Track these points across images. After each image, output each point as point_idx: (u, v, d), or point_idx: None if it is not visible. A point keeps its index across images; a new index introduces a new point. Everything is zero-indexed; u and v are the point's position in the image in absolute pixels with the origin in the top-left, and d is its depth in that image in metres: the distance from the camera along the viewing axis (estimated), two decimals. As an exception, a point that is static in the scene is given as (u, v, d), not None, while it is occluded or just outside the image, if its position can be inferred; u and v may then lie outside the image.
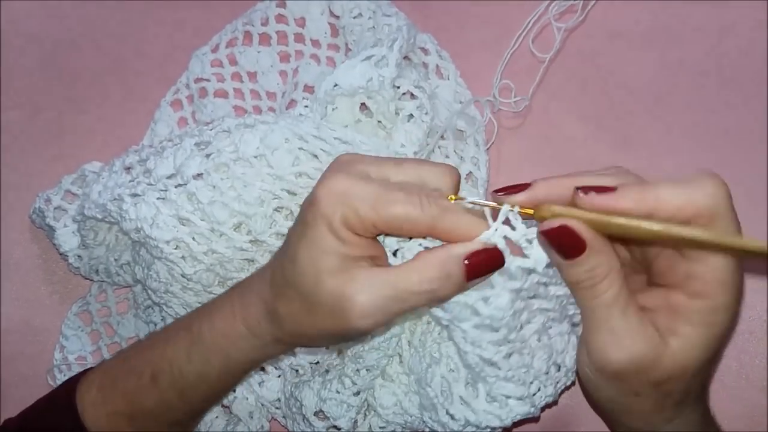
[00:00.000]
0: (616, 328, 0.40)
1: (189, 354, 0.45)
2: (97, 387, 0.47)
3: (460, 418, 0.46)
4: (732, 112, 0.58)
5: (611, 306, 0.40)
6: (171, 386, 0.46)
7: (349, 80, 0.50)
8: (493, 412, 0.45)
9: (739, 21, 0.59)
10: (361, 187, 0.39)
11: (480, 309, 0.42)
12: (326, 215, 0.39)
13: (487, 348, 0.43)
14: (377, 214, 0.39)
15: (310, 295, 0.40)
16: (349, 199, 0.39)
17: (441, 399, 0.47)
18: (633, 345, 0.39)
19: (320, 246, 0.40)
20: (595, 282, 0.40)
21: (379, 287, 0.39)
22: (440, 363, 0.47)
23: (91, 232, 0.55)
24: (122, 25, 0.63)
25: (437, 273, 0.39)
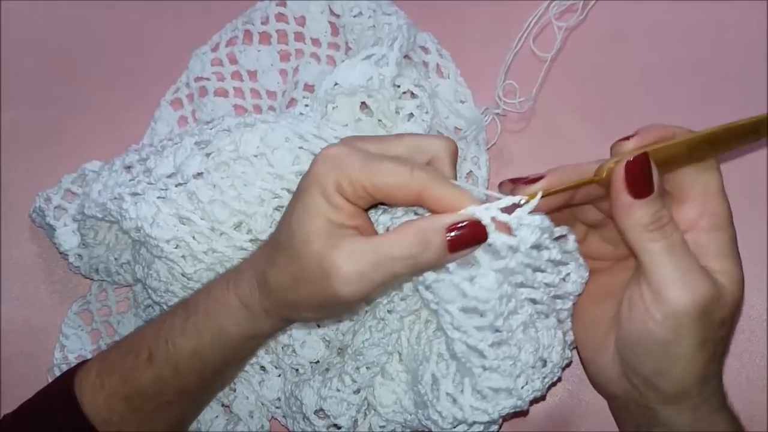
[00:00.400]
0: (690, 268, 0.42)
1: (183, 328, 0.46)
2: (95, 372, 0.48)
3: (447, 416, 0.46)
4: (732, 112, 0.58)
5: (681, 247, 0.42)
6: (165, 362, 0.46)
7: (350, 79, 0.50)
8: (479, 407, 0.45)
9: (739, 21, 0.59)
10: (354, 154, 0.41)
11: (466, 289, 0.42)
12: (319, 180, 0.40)
13: (473, 334, 0.43)
14: (367, 177, 0.40)
15: (296, 259, 0.41)
16: (342, 165, 0.40)
17: (430, 396, 0.47)
18: (708, 282, 0.42)
19: (311, 209, 0.41)
20: (664, 222, 0.42)
21: (361, 253, 0.40)
22: (431, 360, 0.47)
23: (91, 231, 0.55)
24: (122, 25, 0.63)
25: (417, 239, 0.40)
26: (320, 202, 0.41)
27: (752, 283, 0.56)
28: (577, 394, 0.56)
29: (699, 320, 0.41)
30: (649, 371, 0.44)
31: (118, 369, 0.47)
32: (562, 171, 0.44)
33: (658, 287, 0.42)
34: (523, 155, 0.58)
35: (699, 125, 0.58)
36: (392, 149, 0.42)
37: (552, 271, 0.44)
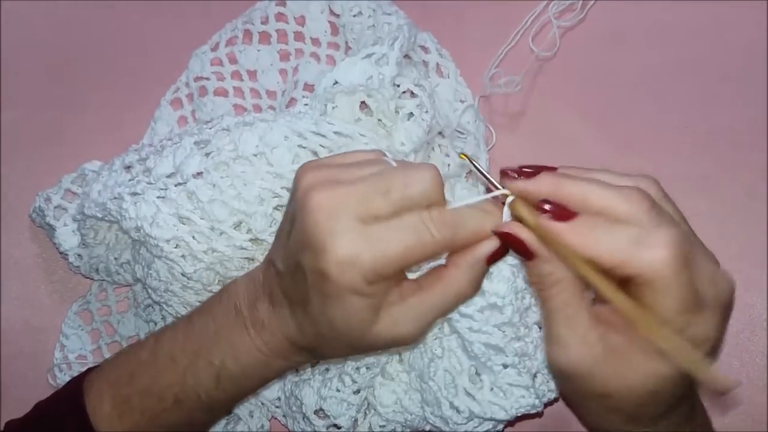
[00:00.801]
0: (561, 334, 0.39)
1: (218, 384, 0.45)
2: (109, 403, 0.46)
3: (464, 410, 0.46)
4: (732, 112, 0.58)
5: (557, 312, 0.40)
6: (198, 407, 0.46)
7: (349, 78, 0.50)
8: (498, 403, 0.46)
9: (739, 21, 0.59)
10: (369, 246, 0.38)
11: (486, 287, 0.43)
12: (350, 286, 0.39)
13: (493, 332, 0.44)
14: (392, 263, 0.39)
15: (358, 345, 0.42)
16: (364, 265, 0.38)
17: (445, 392, 0.47)
18: (573, 351, 0.39)
19: (354, 314, 0.40)
20: (544, 287, 0.40)
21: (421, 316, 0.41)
22: (443, 357, 0.47)
23: (91, 231, 0.55)
24: (122, 25, 0.63)
25: (468, 281, 0.40)
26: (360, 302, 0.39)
27: (752, 283, 0.56)
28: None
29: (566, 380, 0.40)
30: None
31: (138, 408, 0.46)
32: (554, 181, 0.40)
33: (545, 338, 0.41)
34: (522, 155, 0.58)
35: (698, 125, 0.58)
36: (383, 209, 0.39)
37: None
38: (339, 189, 0.39)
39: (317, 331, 0.41)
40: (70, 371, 0.58)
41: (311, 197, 0.39)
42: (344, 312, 0.40)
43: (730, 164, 0.57)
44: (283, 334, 0.43)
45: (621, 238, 0.37)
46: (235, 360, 0.44)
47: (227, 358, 0.45)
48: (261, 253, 0.50)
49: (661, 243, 0.36)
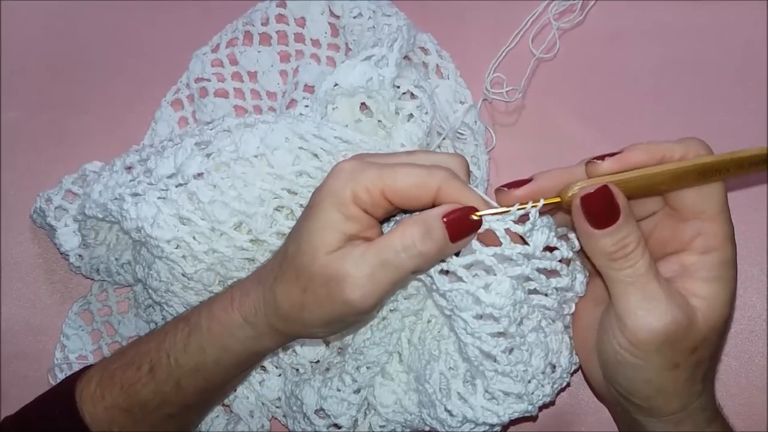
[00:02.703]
0: (654, 295, 0.41)
1: (186, 344, 0.46)
2: (96, 382, 0.47)
3: (457, 414, 0.46)
4: (731, 112, 0.58)
5: (646, 273, 0.41)
6: (167, 377, 0.46)
7: (350, 80, 0.50)
8: (490, 408, 0.46)
9: (739, 21, 0.59)
10: (370, 164, 0.41)
11: (481, 296, 0.42)
12: (334, 192, 0.40)
13: (487, 340, 0.43)
14: (385, 183, 0.40)
15: (304, 273, 0.41)
16: (358, 175, 0.40)
17: (439, 395, 0.47)
18: (672, 310, 0.41)
19: (322, 223, 0.40)
20: (628, 251, 0.40)
21: (367, 256, 0.40)
22: (439, 360, 0.47)
23: (91, 231, 0.55)
24: (122, 25, 0.63)
25: (417, 229, 0.40)
26: (334, 215, 0.40)
27: (752, 283, 0.56)
28: (577, 394, 0.56)
29: (663, 348, 0.41)
30: (622, 388, 0.44)
31: (118, 381, 0.47)
32: (549, 176, 0.42)
33: (622, 315, 0.41)
34: (523, 155, 0.58)
35: (698, 125, 0.58)
36: (406, 159, 0.42)
37: (566, 273, 0.44)
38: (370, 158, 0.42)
39: (283, 254, 0.43)
40: (70, 371, 0.58)
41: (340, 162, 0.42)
42: (317, 219, 0.41)
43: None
44: (259, 281, 0.44)
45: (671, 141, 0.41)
46: (208, 316, 0.45)
47: (202, 316, 0.46)
48: (261, 254, 0.50)
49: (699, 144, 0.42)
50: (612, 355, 0.43)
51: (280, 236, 0.49)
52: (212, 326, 0.45)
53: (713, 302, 0.42)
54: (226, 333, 0.45)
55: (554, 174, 0.42)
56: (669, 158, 0.41)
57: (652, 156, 0.41)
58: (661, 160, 0.41)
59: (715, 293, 0.42)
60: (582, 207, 0.40)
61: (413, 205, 0.42)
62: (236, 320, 0.44)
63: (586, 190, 0.40)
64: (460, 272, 0.43)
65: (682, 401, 0.43)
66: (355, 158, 0.43)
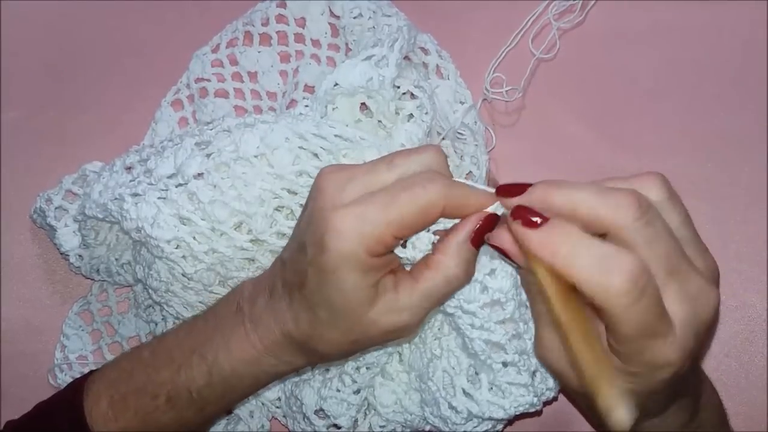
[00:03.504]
0: (544, 337, 0.41)
1: (209, 381, 0.45)
2: (106, 402, 0.46)
3: (462, 410, 0.46)
4: (731, 112, 0.58)
5: (541, 317, 0.41)
6: (189, 406, 0.46)
7: (350, 80, 0.50)
8: (496, 402, 0.46)
9: (739, 21, 0.59)
10: (367, 213, 0.39)
11: (488, 283, 0.43)
12: (349, 257, 0.39)
13: (495, 329, 0.44)
14: (393, 226, 0.39)
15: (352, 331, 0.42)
16: (364, 231, 0.38)
17: (443, 392, 0.47)
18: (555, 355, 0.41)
19: (349, 290, 0.40)
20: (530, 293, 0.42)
21: (414, 303, 0.41)
22: (441, 357, 0.47)
23: (91, 231, 0.55)
24: (123, 26, 0.63)
25: (458, 266, 0.41)
26: (355, 278, 0.39)
27: (752, 283, 0.56)
28: (576, 394, 0.56)
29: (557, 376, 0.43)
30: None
31: (132, 407, 0.46)
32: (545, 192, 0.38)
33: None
34: (522, 156, 0.58)
35: (698, 125, 0.58)
36: (386, 178, 0.40)
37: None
38: (349, 167, 0.41)
39: (313, 316, 0.41)
40: (70, 371, 0.58)
41: (322, 173, 0.41)
42: (341, 288, 0.40)
43: (730, 164, 0.57)
44: (278, 325, 0.43)
45: (586, 255, 0.35)
46: (228, 355, 0.45)
47: (220, 353, 0.45)
48: (262, 254, 0.50)
49: (620, 270, 0.34)
50: None
51: (280, 236, 0.49)
52: (236, 366, 0.45)
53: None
54: (255, 369, 0.45)
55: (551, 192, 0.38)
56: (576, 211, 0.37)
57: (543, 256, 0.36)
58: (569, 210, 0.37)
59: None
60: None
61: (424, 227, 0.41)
62: (268, 360, 0.45)
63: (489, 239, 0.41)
64: None
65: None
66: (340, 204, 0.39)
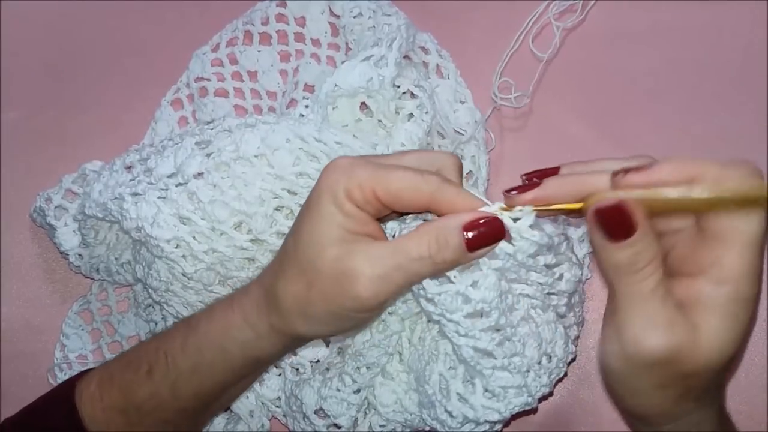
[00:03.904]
0: (656, 316, 0.39)
1: (184, 345, 0.45)
2: (96, 382, 0.47)
3: (458, 415, 0.46)
4: (732, 112, 0.58)
5: (653, 293, 0.39)
6: (164, 378, 0.45)
7: (350, 81, 0.50)
8: (491, 406, 0.46)
9: (739, 21, 0.59)
10: (363, 162, 0.41)
11: (471, 294, 0.42)
12: (330, 187, 0.40)
13: (481, 337, 0.43)
14: (378, 182, 0.40)
15: (310, 268, 0.41)
16: (352, 172, 0.40)
17: (439, 396, 0.47)
18: (671, 334, 0.39)
19: (323, 218, 0.40)
20: (638, 267, 0.39)
21: (381, 256, 0.40)
22: (438, 360, 0.47)
23: (91, 231, 0.55)
24: (123, 25, 0.63)
25: (434, 239, 0.40)
26: (332, 209, 0.40)
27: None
28: (577, 394, 0.56)
29: (653, 368, 0.40)
30: (614, 390, 0.44)
31: (117, 381, 0.46)
32: (557, 184, 0.41)
33: (620, 326, 0.40)
34: (523, 155, 0.59)
35: (698, 126, 0.58)
36: (400, 161, 0.42)
37: (546, 274, 0.44)
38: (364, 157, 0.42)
39: (282, 252, 0.42)
40: (70, 371, 0.58)
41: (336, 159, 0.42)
42: (316, 213, 0.41)
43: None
44: (260, 281, 0.44)
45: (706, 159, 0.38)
46: (207, 320, 0.45)
47: (201, 321, 0.45)
48: (261, 254, 0.50)
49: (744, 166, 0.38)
50: (607, 358, 0.42)
51: (280, 236, 0.49)
52: (210, 328, 0.45)
53: (716, 338, 0.40)
54: (225, 334, 0.44)
55: (567, 181, 0.41)
56: (700, 179, 0.38)
57: (682, 174, 0.38)
58: (692, 179, 0.38)
59: (719, 330, 0.39)
60: (595, 219, 0.39)
61: (405, 208, 0.42)
62: (235, 321, 0.44)
63: (602, 203, 0.39)
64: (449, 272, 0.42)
65: (671, 416, 0.43)
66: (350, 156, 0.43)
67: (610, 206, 0.38)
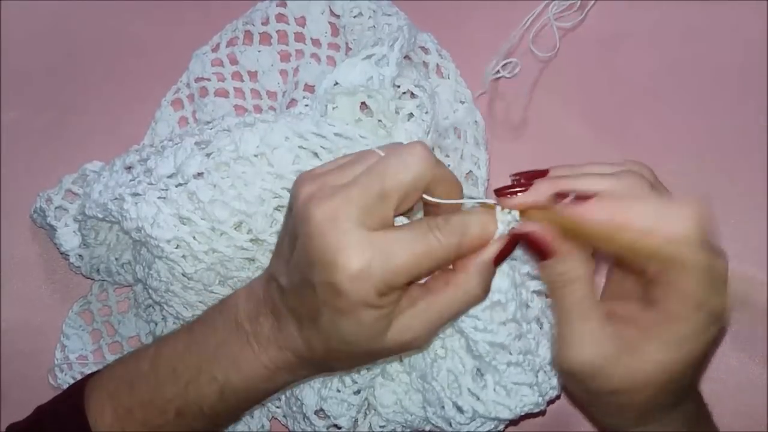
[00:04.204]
0: (574, 331, 0.40)
1: (221, 397, 0.44)
2: (110, 414, 0.45)
3: (468, 410, 0.47)
4: (732, 112, 0.58)
5: (573, 309, 0.41)
6: (200, 418, 0.45)
7: (350, 78, 0.50)
8: (502, 402, 0.46)
9: (739, 21, 0.59)
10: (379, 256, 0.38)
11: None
12: (363, 299, 0.38)
13: (498, 330, 0.44)
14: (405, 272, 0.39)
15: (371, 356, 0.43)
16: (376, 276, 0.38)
17: (448, 392, 0.47)
18: (585, 350, 0.40)
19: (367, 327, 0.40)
20: (561, 285, 0.41)
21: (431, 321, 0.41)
22: (446, 358, 0.47)
23: (92, 231, 0.55)
24: (123, 25, 0.63)
25: (477, 283, 0.41)
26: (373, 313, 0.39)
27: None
28: (577, 394, 0.56)
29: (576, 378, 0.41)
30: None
31: (140, 420, 0.45)
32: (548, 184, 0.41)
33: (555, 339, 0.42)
34: (523, 155, 0.59)
35: (698, 126, 0.58)
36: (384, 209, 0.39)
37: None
38: (337, 197, 0.39)
39: (328, 346, 0.41)
40: (70, 371, 0.58)
41: (311, 210, 0.39)
42: (357, 325, 0.39)
43: (730, 164, 0.57)
44: (291, 349, 0.43)
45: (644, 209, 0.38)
46: (239, 375, 0.44)
47: (230, 373, 0.44)
48: (261, 254, 0.50)
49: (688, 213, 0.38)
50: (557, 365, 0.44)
51: (280, 236, 0.49)
52: (249, 384, 0.44)
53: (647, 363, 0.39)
54: (269, 384, 0.45)
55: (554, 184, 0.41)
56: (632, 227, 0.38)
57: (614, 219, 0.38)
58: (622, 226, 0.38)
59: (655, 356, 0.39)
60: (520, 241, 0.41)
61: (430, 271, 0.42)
62: (277, 377, 0.44)
63: (519, 228, 0.40)
64: None
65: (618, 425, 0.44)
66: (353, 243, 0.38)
67: (524, 234, 0.41)
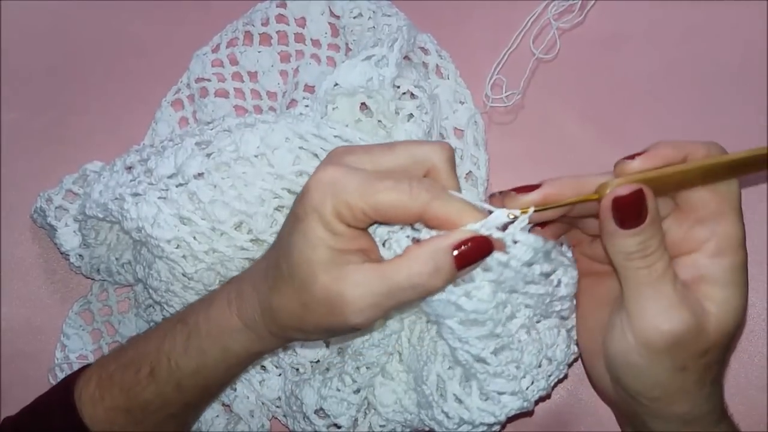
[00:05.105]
0: (668, 299, 0.41)
1: (186, 346, 0.46)
2: (95, 382, 0.47)
3: (454, 416, 0.46)
4: (731, 112, 0.58)
5: (662, 276, 0.41)
6: (168, 379, 0.46)
7: (350, 79, 0.50)
8: (486, 409, 0.45)
9: (739, 21, 0.59)
10: (350, 177, 0.39)
11: (463, 305, 0.41)
12: (317, 207, 0.39)
13: (474, 344, 0.43)
14: (366, 202, 0.39)
15: (303, 290, 0.41)
16: (339, 190, 0.39)
17: (436, 397, 0.47)
18: (683, 313, 0.41)
19: (312, 239, 0.40)
20: (647, 253, 0.41)
21: (371, 284, 0.39)
22: (436, 361, 0.47)
23: (92, 231, 0.55)
24: (123, 26, 0.63)
25: (426, 267, 0.39)
26: (320, 231, 0.40)
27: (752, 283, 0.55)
28: (576, 394, 0.56)
29: (672, 351, 0.41)
30: (630, 388, 0.44)
31: (118, 382, 0.47)
32: (560, 183, 0.42)
33: (633, 315, 0.41)
34: (523, 156, 0.59)
35: (698, 125, 0.58)
36: (386, 162, 0.41)
37: (544, 284, 0.43)
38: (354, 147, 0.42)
39: (277, 271, 0.42)
40: (71, 371, 0.58)
41: (321, 167, 0.41)
42: (305, 236, 0.40)
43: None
44: (254, 288, 0.43)
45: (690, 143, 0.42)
46: (206, 320, 0.45)
47: (200, 318, 0.45)
48: (261, 254, 0.50)
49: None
50: (620, 355, 0.43)
51: (280, 236, 0.49)
52: (211, 329, 0.45)
53: (726, 307, 0.42)
54: (226, 336, 0.45)
55: (563, 183, 0.42)
56: (693, 156, 0.41)
57: (679, 152, 0.41)
58: (686, 157, 0.41)
59: (727, 298, 0.42)
60: (612, 207, 0.40)
61: (396, 222, 0.41)
62: (235, 324, 0.45)
63: (617, 191, 0.40)
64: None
65: (690, 403, 0.43)
66: (334, 159, 0.41)
67: (628, 195, 0.40)
